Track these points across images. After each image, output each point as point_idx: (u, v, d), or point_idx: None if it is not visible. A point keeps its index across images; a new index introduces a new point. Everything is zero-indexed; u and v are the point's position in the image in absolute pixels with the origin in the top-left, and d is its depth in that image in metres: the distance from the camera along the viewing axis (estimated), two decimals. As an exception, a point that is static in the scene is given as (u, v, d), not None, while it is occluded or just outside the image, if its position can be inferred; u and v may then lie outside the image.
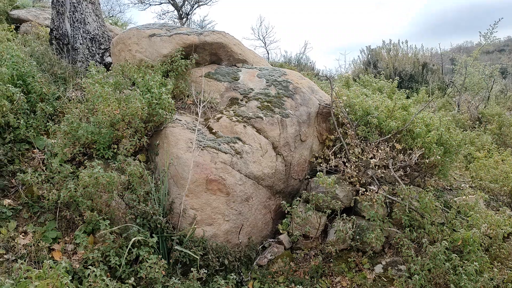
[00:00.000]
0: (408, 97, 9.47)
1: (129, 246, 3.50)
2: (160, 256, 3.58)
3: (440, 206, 4.52)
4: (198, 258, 3.81)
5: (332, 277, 4.62)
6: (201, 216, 4.24)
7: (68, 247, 3.78)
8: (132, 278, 3.21)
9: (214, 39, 5.59)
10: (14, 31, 9.70)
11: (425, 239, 4.14)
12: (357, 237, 4.68)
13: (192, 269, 3.64)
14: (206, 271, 3.75)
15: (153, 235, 3.84)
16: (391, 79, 8.83)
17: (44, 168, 4.21)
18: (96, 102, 4.25)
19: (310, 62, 27.32)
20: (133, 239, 3.51)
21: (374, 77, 11.34)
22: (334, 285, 4.51)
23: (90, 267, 3.13)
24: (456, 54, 14.72)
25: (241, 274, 4.29)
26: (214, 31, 5.72)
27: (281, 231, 5.16)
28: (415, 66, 13.24)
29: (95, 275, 3.00)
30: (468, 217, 4.52)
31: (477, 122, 9.92)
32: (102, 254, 3.54)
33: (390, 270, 4.52)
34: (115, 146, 4.29)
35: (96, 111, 4.35)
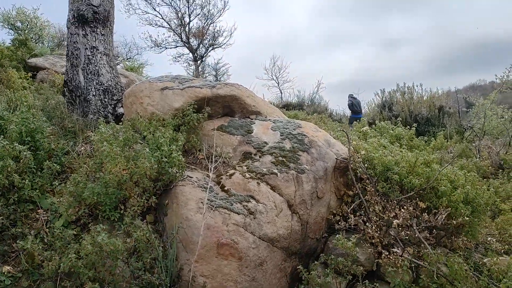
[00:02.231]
0: (426, 142, 9.18)
1: (132, 323, 3.21)
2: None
3: (470, 272, 4.13)
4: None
5: None
6: (212, 284, 3.94)
7: (67, 321, 3.50)
8: None
9: (227, 92, 5.46)
10: (31, 78, 9.85)
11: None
12: (381, 306, 4.29)
13: None
14: None
15: (159, 307, 3.56)
16: (408, 126, 8.61)
17: (47, 230, 4.00)
18: (104, 160, 4.08)
19: (324, 102, 27.38)
20: (137, 315, 3.22)
21: (389, 120, 11.13)
22: None
23: None
24: (470, 95, 14.47)
25: None
26: (227, 83, 5.61)
27: (297, 296, 4.82)
28: (431, 109, 13.01)
29: None
30: (501, 283, 4.13)
31: (500, 170, 9.52)
32: (103, 331, 3.25)
33: None
34: (122, 207, 4.08)
35: (103, 166, 4.18)
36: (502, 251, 5.27)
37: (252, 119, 5.72)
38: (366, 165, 5.02)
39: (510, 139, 10.46)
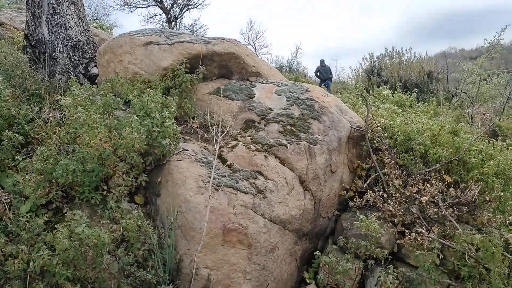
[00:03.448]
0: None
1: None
2: None
3: (508, 256, 3.65)
4: None
5: None
6: (217, 277, 3.30)
7: (42, 330, 2.80)
8: None
9: (225, 49, 4.64)
10: (-15, 35, 8.61)
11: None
12: (405, 292, 3.79)
13: None
14: None
15: (157, 310, 2.90)
16: (404, 91, 8.08)
17: (11, 217, 3.20)
18: (80, 130, 3.28)
19: (302, 68, 26.57)
20: (132, 327, 2.55)
21: (378, 86, 10.58)
22: None
23: None
24: (459, 60, 14.10)
25: None
26: (225, 39, 4.78)
27: (307, 281, 4.26)
28: (421, 75, 12.53)
29: None
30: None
31: (494, 137, 9.19)
32: None
33: (450, 335, 3.67)
34: (105, 187, 3.33)
35: (78, 137, 3.39)
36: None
37: (252, 81, 4.96)
38: (385, 134, 4.40)
39: (504, 105, 10.13)
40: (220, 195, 3.42)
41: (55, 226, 2.87)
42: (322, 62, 15.38)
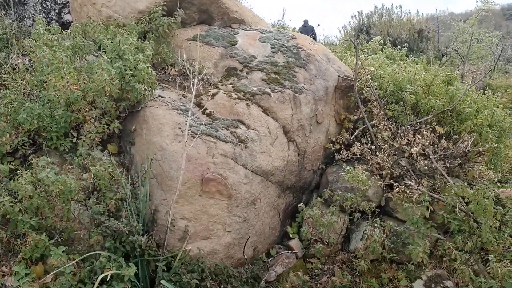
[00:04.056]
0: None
1: (95, 285, 2.40)
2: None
3: (500, 209, 3.54)
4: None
5: (360, 297, 3.65)
6: (195, 228, 3.16)
7: (7, 281, 2.65)
8: None
9: (205, -9, 4.33)
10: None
11: (491, 255, 3.17)
12: (391, 245, 3.69)
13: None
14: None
15: (130, 260, 2.75)
16: (396, 48, 7.79)
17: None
18: (45, 72, 3.02)
19: (288, 26, 25.87)
20: (101, 276, 2.39)
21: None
22: (364, 308, 3.55)
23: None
24: (451, 19, 13.77)
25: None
26: (205, -21, 4.45)
27: (291, 235, 4.15)
28: (410, 33, 12.17)
29: None
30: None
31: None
32: (56, 295, 2.43)
33: (434, 287, 3.59)
34: (75, 134, 3.11)
35: (46, 82, 3.13)
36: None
37: (234, 28, 4.67)
38: (375, 84, 4.19)
39: (496, 64, 9.92)
40: (199, 144, 3.23)
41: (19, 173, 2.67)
42: (305, 22, 14.87)
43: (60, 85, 2.94)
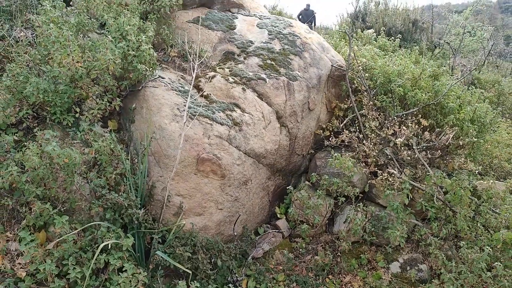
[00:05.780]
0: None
1: (97, 253, 2.58)
2: (139, 270, 2.67)
3: (475, 200, 3.79)
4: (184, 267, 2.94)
5: (340, 275, 3.90)
6: (189, 204, 3.34)
7: (11, 245, 2.81)
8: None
9: (207, -26, 4.42)
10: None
11: (463, 242, 3.42)
12: (372, 229, 3.93)
13: (179, 282, 2.78)
14: (199, 285, 2.89)
15: (128, 232, 2.93)
16: (388, 38, 7.94)
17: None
18: (51, 48, 3.12)
19: (285, 13, 25.69)
20: (102, 245, 2.57)
21: (362, 31, 10.39)
22: (343, 286, 3.81)
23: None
24: (445, 11, 13.92)
25: (234, 272, 3.48)
26: (207, -37, 4.53)
27: (278, 215, 4.37)
28: (405, 23, 12.29)
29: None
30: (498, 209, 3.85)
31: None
32: (58, 260, 2.61)
33: (409, 269, 3.86)
34: (77, 110, 3.24)
35: (51, 59, 3.23)
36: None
37: (234, 13, 4.77)
38: (366, 75, 4.36)
39: (486, 58, 10.13)
40: (196, 125, 3.38)
41: (25, 145, 2.80)
42: (307, 6, 14.82)
43: (65, 62, 3.05)
